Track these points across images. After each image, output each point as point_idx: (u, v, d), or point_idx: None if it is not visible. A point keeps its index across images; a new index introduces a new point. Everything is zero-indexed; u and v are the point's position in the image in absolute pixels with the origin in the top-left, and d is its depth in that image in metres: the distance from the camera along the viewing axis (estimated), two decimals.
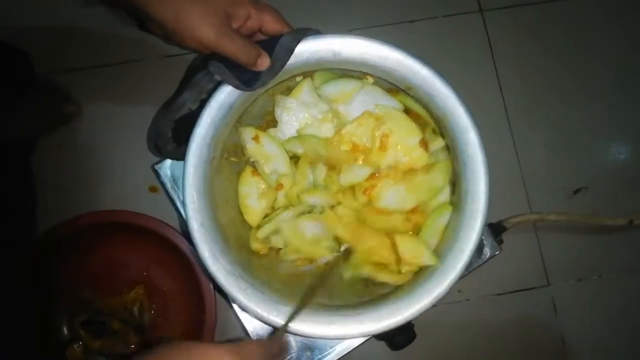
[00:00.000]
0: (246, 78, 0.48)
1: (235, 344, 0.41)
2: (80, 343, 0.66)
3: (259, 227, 0.56)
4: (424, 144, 0.54)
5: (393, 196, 0.54)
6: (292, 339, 0.59)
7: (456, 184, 0.53)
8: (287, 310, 0.48)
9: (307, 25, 0.52)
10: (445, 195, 0.56)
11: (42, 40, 0.78)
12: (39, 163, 0.74)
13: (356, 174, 0.54)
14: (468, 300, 0.76)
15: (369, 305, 0.50)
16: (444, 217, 0.54)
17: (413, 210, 0.55)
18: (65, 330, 0.69)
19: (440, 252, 0.52)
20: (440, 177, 0.55)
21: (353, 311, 0.49)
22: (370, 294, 0.54)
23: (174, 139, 0.52)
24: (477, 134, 0.50)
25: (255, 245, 0.56)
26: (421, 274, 0.52)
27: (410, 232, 0.55)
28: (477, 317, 0.75)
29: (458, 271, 0.50)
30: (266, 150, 0.55)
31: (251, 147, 0.55)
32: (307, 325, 0.48)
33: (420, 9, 0.82)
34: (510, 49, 0.81)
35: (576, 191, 0.78)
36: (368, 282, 0.54)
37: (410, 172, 0.54)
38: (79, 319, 0.67)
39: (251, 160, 0.57)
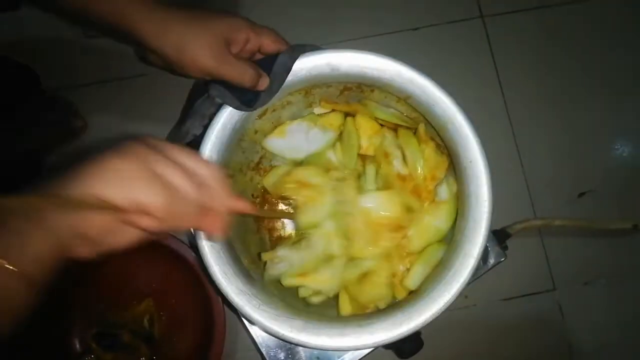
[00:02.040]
0: (246, 99, 0.49)
1: None
2: (92, 356, 0.67)
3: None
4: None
5: None
6: (301, 350, 0.60)
7: (459, 190, 0.54)
8: (300, 324, 0.49)
9: (310, 36, 0.53)
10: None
11: (48, 56, 0.79)
12: (46, 179, 0.75)
13: None
14: (475, 305, 0.76)
15: (380, 315, 0.51)
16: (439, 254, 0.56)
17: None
18: (77, 343, 0.70)
19: (448, 258, 0.52)
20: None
21: (365, 321, 0.50)
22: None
23: None
24: (477, 140, 0.51)
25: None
26: (430, 281, 0.53)
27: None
28: (483, 322, 0.76)
29: (467, 275, 0.50)
30: None
31: None
32: (321, 338, 0.48)
33: (422, 16, 0.83)
34: (512, 54, 0.82)
35: (580, 194, 0.78)
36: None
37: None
38: (91, 332, 0.68)
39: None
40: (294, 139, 0.59)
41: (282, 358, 0.60)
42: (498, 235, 0.65)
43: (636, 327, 0.76)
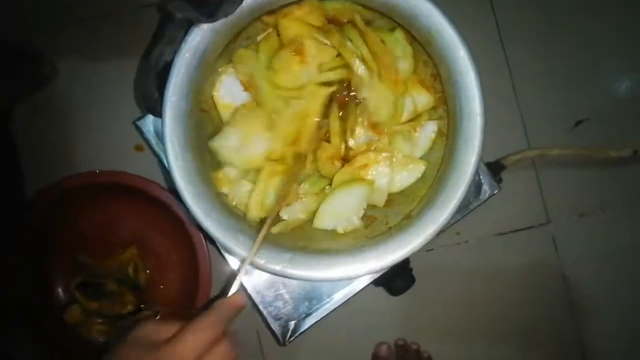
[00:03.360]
0: (207, 11, 0.45)
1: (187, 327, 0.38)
2: (77, 305, 0.66)
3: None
4: None
5: None
6: (285, 292, 0.58)
7: (449, 107, 0.51)
8: (288, 256, 0.46)
9: None
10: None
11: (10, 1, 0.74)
12: (18, 129, 0.72)
13: None
14: (467, 242, 0.74)
15: (372, 242, 0.48)
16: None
17: None
18: (61, 293, 0.68)
19: (440, 180, 0.50)
20: None
21: (357, 251, 0.48)
22: (371, 231, 0.52)
23: (162, 97, 0.49)
24: (466, 50, 0.47)
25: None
26: (423, 204, 0.50)
27: None
28: (476, 259, 0.74)
29: (460, 195, 0.47)
30: None
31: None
32: (312, 270, 0.46)
33: None
34: None
35: (577, 123, 0.75)
36: (366, 218, 0.53)
37: None
38: (75, 281, 0.66)
39: None
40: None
41: (271, 300, 0.59)
42: (492, 168, 0.63)
43: (631, 257, 0.75)
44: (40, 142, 0.73)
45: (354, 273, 0.46)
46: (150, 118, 0.61)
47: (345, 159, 0.53)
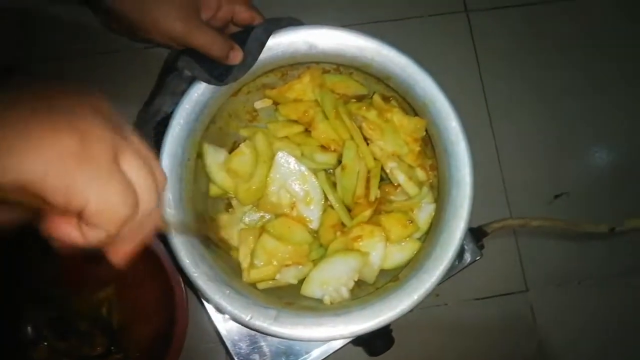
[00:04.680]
0: (217, 73, 0.46)
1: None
2: (45, 344, 0.64)
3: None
4: None
5: None
6: (265, 345, 0.57)
7: (440, 174, 0.52)
8: (274, 314, 0.46)
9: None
10: None
11: (10, 31, 0.74)
12: None
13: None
14: (446, 304, 0.75)
15: (358, 304, 0.48)
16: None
17: None
18: (29, 329, 0.66)
19: (428, 246, 0.50)
20: None
21: (342, 310, 0.47)
22: (357, 291, 0.52)
23: (157, 146, 0.49)
24: (458, 121, 0.49)
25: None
26: (411, 266, 0.51)
27: None
28: (454, 322, 0.75)
29: (448, 261, 0.48)
30: None
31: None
32: (297, 329, 0.46)
33: (406, 8, 0.81)
34: (494, 51, 0.81)
35: (556, 196, 0.78)
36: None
37: None
38: (45, 318, 0.64)
39: None
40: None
41: (247, 352, 0.57)
42: (475, 233, 0.64)
43: (607, 329, 0.76)
44: None
45: (338, 334, 0.46)
46: None
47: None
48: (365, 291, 0.51)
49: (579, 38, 0.82)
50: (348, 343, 0.59)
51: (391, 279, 0.50)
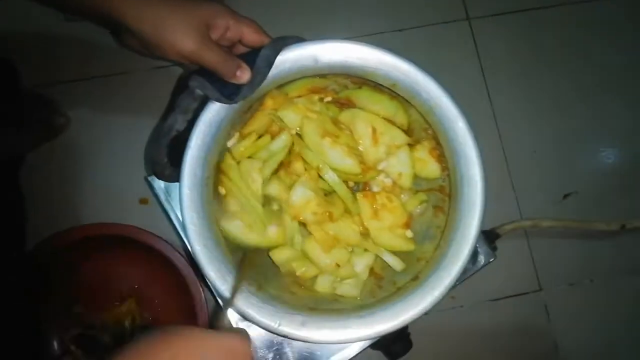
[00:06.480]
0: (227, 92, 0.48)
1: (220, 333, 0.38)
2: (71, 359, 0.65)
3: None
4: None
5: None
6: (289, 351, 0.58)
7: (450, 173, 0.53)
8: (301, 319, 0.47)
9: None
10: None
11: (28, 51, 0.77)
12: (28, 176, 0.73)
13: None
14: (462, 306, 0.76)
15: (380, 304, 0.49)
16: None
17: None
18: (55, 345, 0.68)
19: (444, 244, 0.52)
20: None
21: (366, 311, 0.49)
22: (379, 292, 0.53)
23: (170, 163, 0.51)
24: (465, 122, 0.50)
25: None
26: (430, 265, 0.52)
27: None
28: (471, 323, 0.76)
29: (465, 256, 0.49)
30: None
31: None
32: (324, 333, 0.47)
33: (408, 17, 0.83)
34: (498, 56, 0.82)
35: (565, 196, 0.79)
36: (380, 279, 0.54)
37: None
38: (71, 333, 0.66)
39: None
40: None
41: (270, 359, 0.59)
42: (487, 236, 0.65)
43: (621, 326, 0.77)
44: (46, 191, 0.75)
45: (365, 334, 0.47)
46: None
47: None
48: (387, 291, 0.52)
49: (585, 39, 0.84)
50: (367, 347, 0.61)
51: (412, 278, 0.51)
